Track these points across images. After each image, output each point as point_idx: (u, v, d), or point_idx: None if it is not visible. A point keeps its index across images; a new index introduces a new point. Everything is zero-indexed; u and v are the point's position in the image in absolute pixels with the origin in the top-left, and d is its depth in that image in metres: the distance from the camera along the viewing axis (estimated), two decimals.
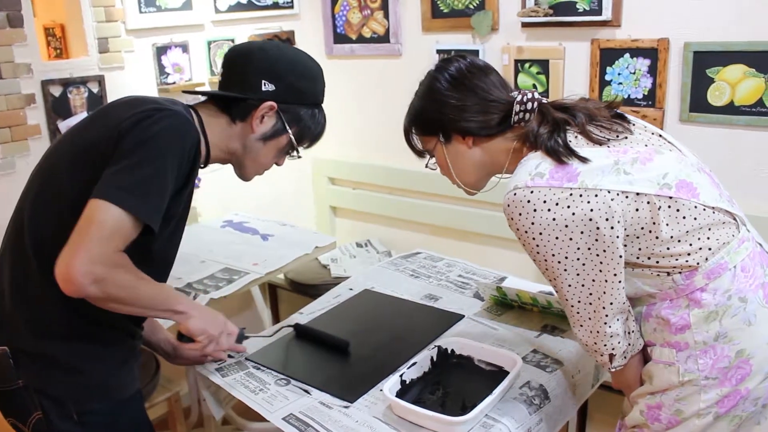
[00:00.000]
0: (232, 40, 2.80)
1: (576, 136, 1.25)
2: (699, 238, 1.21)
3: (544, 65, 2.48)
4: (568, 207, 1.18)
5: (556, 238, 1.20)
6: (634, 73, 2.28)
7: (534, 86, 2.53)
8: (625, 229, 1.20)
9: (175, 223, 1.35)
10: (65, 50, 2.68)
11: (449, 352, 1.51)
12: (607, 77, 2.35)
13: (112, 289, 1.18)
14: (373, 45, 2.97)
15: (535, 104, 1.30)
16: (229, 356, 1.58)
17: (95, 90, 2.36)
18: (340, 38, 3.07)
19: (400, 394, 1.37)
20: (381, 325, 1.73)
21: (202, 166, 1.39)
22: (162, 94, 2.59)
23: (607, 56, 2.33)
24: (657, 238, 1.21)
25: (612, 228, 1.18)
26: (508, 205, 1.23)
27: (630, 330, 1.29)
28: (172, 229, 1.35)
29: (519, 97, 1.30)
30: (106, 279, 1.15)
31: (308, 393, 1.44)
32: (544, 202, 1.19)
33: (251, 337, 1.63)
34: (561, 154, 1.22)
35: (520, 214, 1.21)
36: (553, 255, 1.22)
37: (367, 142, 3.09)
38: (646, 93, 2.28)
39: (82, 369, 1.30)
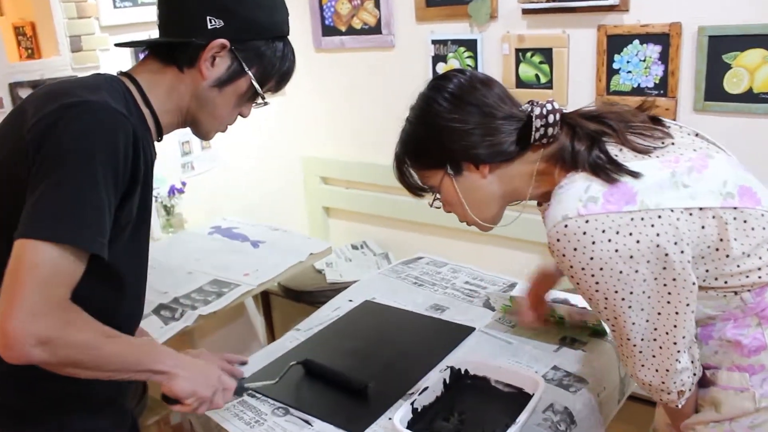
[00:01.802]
0: None
1: (620, 149, 1.10)
2: None
3: (547, 54, 2.35)
4: (631, 234, 1.02)
5: (620, 272, 1.03)
6: (644, 60, 2.15)
7: (537, 77, 2.39)
8: (692, 251, 1.06)
9: (131, 232, 1.12)
10: (37, 50, 2.52)
11: (463, 372, 1.38)
12: (615, 66, 2.22)
13: (65, 351, 0.95)
14: (364, 37, 2.82)
15: (557, 116, 1.12)
16: None
17: None
18: (328, 30, 2.92)
19: (412, 424, 1.24)
20: (386, 342, 1.59)
21: (158, 139, 1.21)
22: None
23: (615, 43, 2.19)
24: (728, 256, 1.07)
25: (682, 252, 1.03)
26: (558, 240, 1.05)
27: (695, 358, 1.14)
28: (128, 240, 1.12)
29: (537, 111, 1.12)
30: (54, 339, 0.93)
31: (309, 424, 1.30)
32: (603, 231, 1.02)
33: (254, 387, 1.40)
34: (609, 171, 1.05)
35: (575, 249, 1.04)
36: (617, 292, 1.06)
37: (360, 139, 2.96)
38: (657, 81, 2.15)
39: (56, 419, 1.13)
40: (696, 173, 1.06)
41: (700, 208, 1.04)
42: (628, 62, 2.19)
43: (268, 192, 2.99)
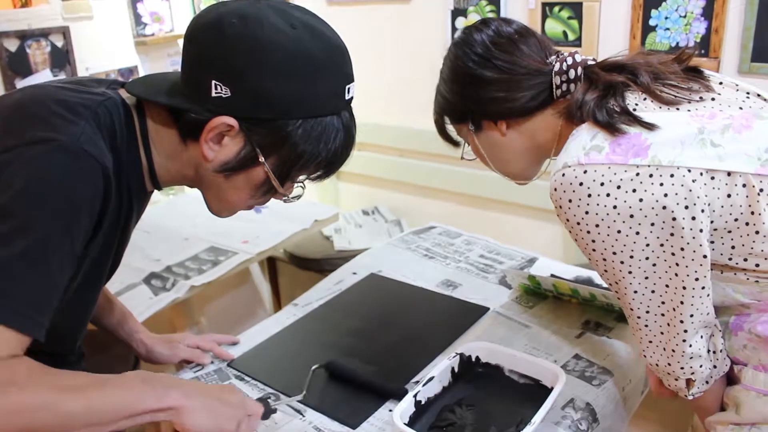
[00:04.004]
0: None
1: (644, 99, 0.98)
2: None
3: (576, 9, 2.15)
4: (634, 191, 0.91)
5: (618, 231, 0.93)
6: (684, 16, 1.95)
7: (564, 33, 2.20)
8: (713, 222, 0.92)
9: (80, 284, 0.95)
10: None
11: (474, 360, 1.24)
12: (652, 22, 2.02)
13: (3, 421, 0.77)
14: None
15: (579, 70, 1.03)
16: (211, 362, 1.32)
17: (59, 44, 2.06)
18: None
19: (414, 418, 1.10)
20: (390, 321, 1.45)
21: (158, 188, 1.02)
22: (138, 47, 2.28)
23: None
24: (758, 233, 0.92)
25: (693, 219, 0.90)
26: (555, 189, 0.96)
27: (717, 349, 1.02)
28: (72, 291, 0.94)
29: (557, 66, 1.04)
30: None
31: (301, 414, 1.17)
32: (602, 184, 0.92)
33: (283, 404, 1.18)
34: (616, 121, 0.94)
35: (570, 201, 0.94)
36: (614, 254, 0.95)
37: (373, 99, 2.78)
38: (698, 40, 1.95)
39: None
40: (733, 132, 0.92)
41: (728, 173, 0.90)
42: (666, 18, 1.99)
43: None
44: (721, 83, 1.03)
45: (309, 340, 1.41)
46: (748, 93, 1.02)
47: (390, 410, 1.13)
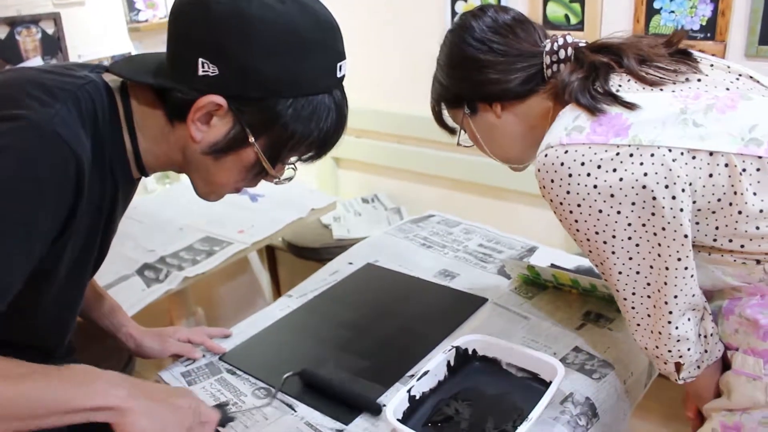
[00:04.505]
0: None
1: (628, 80, 0.99)
2: None
3: None
4: (615, 170, 0.91)
5: (600, 211, 0.94)
6: None
7: (566, 17, 2.15)
8: (695, 202, 0.92)
9: (76, 255, 0.92)
10: None
11: (470, 353, 1.21)
12: (656, 5, 1.97)
13: None
14: None
15: (569, 50, 1.05)
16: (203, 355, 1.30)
17: (50, 30, 2.01)
18: None
19: (408, 414, 1.07)
20: (386, 312, 1.42)
21: (145, 175, 0.98)
22: (132, 33, 2.24)
23: None
24: (740, 213, 0.91)
25: (674, 198, 0.90)
26: (539, 170, 0.97)
27: (707, 333, 1.01)
28: (61, 279, 0.92)
29: (548, 46, 1.06)
30: None
31: (293, 409, 1.14)
32: (582, 164, 0.92)
33: (240, 413, 1.13)
34: (598, 101, 0.95)
35: (552, 181, 0.95)
36: (597, 233, 0.96)
37: (373, 85, 2.73)
38: (704, 23, 1.89)
39: None
40: (716, 113, 0.92)
41: (710, 153, 0.90)
42: (671, 1, 1.94)
43: None
44: (712, 65, 1.03)
45: (303, 332, 1.38)
46: (740, 74, 1.01)
47: (384, 405, 1.10)
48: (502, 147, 1.16)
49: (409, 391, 1.08)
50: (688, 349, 1.00)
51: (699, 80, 0.98)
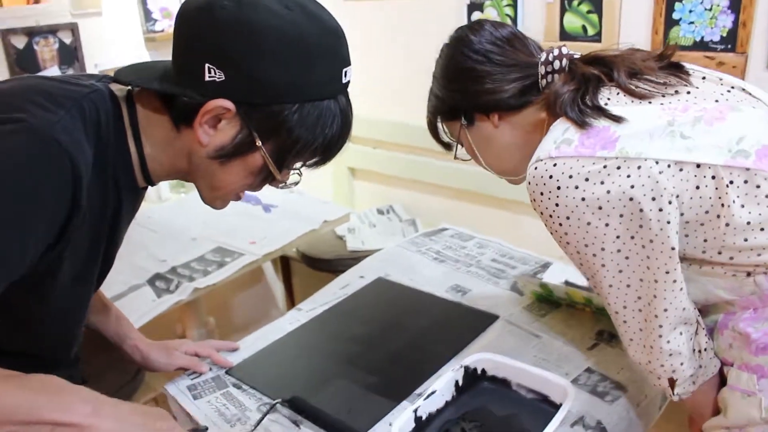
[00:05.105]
0: None
1: (617, 93, 0.99)
2: None
3: (596, 2, 2.07)
4: (602, 183, 0.92)
5: (588, 223, 0.94)
6: (710, 9, 1.86)
7: (584, 28, 2.12)
8: (683, 214, 0.92)
9: (79, 264, 0.92)
10: None
11: (479, 372, 1.18)
12: (676, 15, 1.93)
13: None
14: None
15: (564, 61, 1.05)
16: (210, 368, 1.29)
17: (67, 40, 2.03)
18: None
19: None
20: (396, 328, 1.40)
21: (151, 184, 0.98)
22: (148, 43, 2.25)
23: None
24: (728, 225, 0.91)
25: (660, 210, 0.90)
26: (529, 183, 0.98)
27: (701, 348, 1.01)
28: (63, 287, 0.91)
29: (544, 57, 1.07)
30: None
31: (297, 426, 1.13)
32: (570, 176, 0.93)
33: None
34: (585, 114, 0.96)
35: (542, 194, 0.96)
36: (586, 246, 0.96)
37: (388, 95, 2.72)
38: (724, 34, 1.86)
39: None
40: (704, 125, 0.92)
41: (697, 165, 0.90)
42: (690, 12, 1.90)
43: None
44: (704, 78, 1.03)
45: (311, 347, 1.36)
46: (732, 86, 1.00)
47: (390, 424, 1.08)
48: (499, 158, 1.16)
49: (415, 411, 1.06)
50: (681, 364, 0.99)
51: (688, 92, 0.98)
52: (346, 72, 0.91)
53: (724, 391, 1.02)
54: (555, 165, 0.94)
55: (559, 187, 0.94)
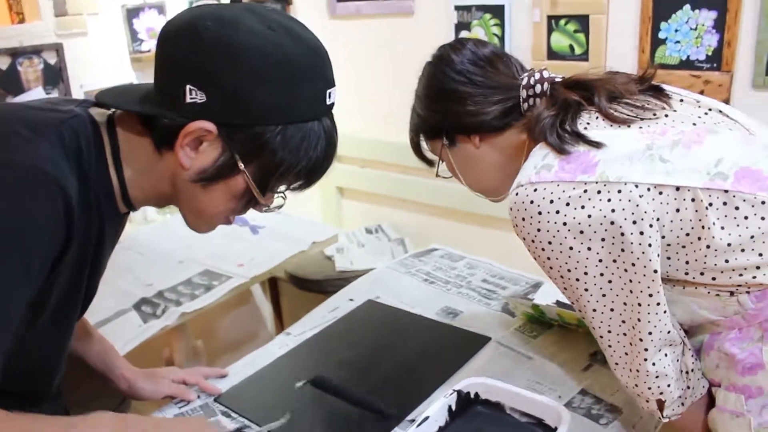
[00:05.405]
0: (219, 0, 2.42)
1: (596, 117, 1.00)
2: None
3: (583, 21, 2.08)
4: (583, 207, 0.92)
5: (570, 248, 0.94)
6: (695, 28, 1.88)
7: (570, 47, 2.13)
8: (664, 237, 0.93)
9: (51, 315, 0.89)
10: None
11: (473, 396, 1.17)
12: (662, 35, 1.95)
13: None
14: (382, 2, 2.57)
15: (546, 85, 1.06)
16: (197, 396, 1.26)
17: (52, 61, 2.01)
18: None
19: None
20: (387, 352, 1.38)
21: (132, 209, 0.96)
22: (134, 63, 2.24)
23: (663, 8, 1.92)
24: (708, 247, 0.91)
25: (642, 234, 0.90)
26: (510, 209, 0.98)
27: (688, 369, 1.00)
28: (46, 321, 0.89)
29: (525, 80, 1.07)
30: None
31: None
32: (551, 201, 0.93)
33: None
34: (564, 141, 0.96)
35: (523, 219, 0.96)
36: (569, 271, 0.96)
37: (376, 115, 2.72)
38: (710, 53, 1.87)
39: None
40: (682, 148, 0.93)
41: (677, 188, 0.90)
42: (676, 31, 1.92)
43: None
44: (681, 100, 1.03)
45: (301, 372, 1.34)
46: (709, 109, 1.02)
47: None
48: (480, 178, 1.17)
49: None
50: (668, 386, 0.98)
51: (666, 115, 0.99)
52: (330, 93, 0.90)
53: (713, 413, 1.01)
54: (536, 190, 0.95)
55: (540, 212, 0.94)
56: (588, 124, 0.99)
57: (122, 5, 2.19)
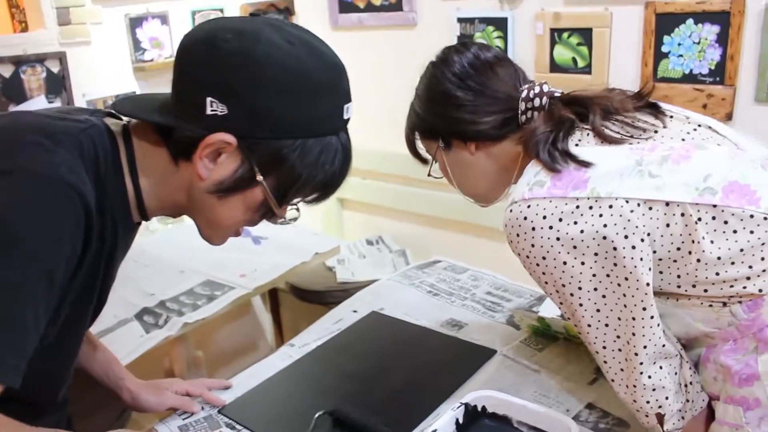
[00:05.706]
0: (221, 10, 2.43)
1: (587, 134, 1.02)
2: (763, 258, 0.92)
3: (586, 35, 2.09)
4: (576, 223, 0.94)
5: (564, 263, 0.95)
6: (698, 42, 1.89)
7: (573, 60, 2.14)
8: (655, 251, 0.94)
9: (75, 304, 0.89)
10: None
11: (480, 410, 1.16)
12: (664, 48, 1.95)
13: None
14: (385, 14, 2.59)
15: (545, 99, 1.07)
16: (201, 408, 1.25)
17: (55, 69, 2.01)
18: (346, 7, 2.70)
19: None
20: (392, 364, 1.37)
21: (146, 219, 0.95)
22: (137, 73, 2.24)
23: (666, 23, 1.93)
24: (699, 261, 0.92)
25: (633, 248, 0.92)
26: (505, 225, 1.00)
27: (686, 382, 1.01)
28: (59, 328, 0.89)
29: (525, 93, 1.08)
30: None
31: None
32: (544, 217, 0.95)
33: None
34: (555, 159, 0.98)
35: (518, 235, 0.98)
36: (564, 286, 0.97)
37: (378, 126, 2.72)
38: (712, 67, 1.88)
39: None
40: (671, 164, 0.94)
41: (666, 203, 0.92)
42: (679, 45, 1.93)
43: None
44: (671, 117, 1.05)
45: (305, 384, 1.33)
46: (699, 125, 1.03)
47: None
48: (472, 183, 1.18)
49: None
50: (666, 398, 0.99)
51: (656, 132, 1.01)
52: (347, 108, 0.90)
53: (713, 427, 1.01)
54: (529, 207, 0.96)
55: (533, 228, 0.96)
56: (579, 140, 1.01)
57: (125, 14, 2.19)
